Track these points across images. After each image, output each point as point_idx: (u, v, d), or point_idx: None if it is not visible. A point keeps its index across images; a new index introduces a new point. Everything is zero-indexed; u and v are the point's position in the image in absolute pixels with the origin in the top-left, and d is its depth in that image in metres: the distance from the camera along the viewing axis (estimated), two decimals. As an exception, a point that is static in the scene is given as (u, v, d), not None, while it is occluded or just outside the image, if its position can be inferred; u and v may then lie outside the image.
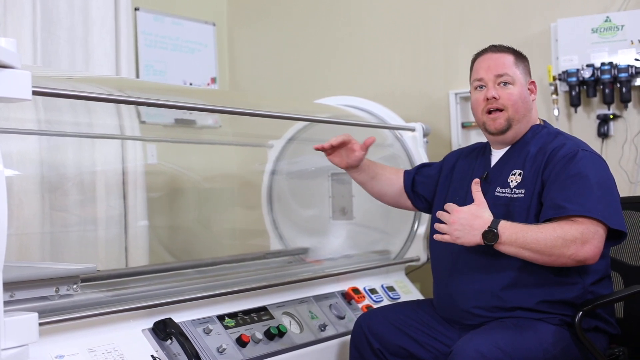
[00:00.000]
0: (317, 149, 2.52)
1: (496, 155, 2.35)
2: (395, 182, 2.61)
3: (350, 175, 2.63)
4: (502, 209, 2.19)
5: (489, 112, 2.27)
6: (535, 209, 2.16)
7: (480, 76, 2.30)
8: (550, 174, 2.15)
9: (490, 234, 2.03)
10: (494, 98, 2.25)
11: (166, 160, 3.34)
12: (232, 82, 4.22)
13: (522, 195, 2.20)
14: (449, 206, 2.12)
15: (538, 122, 2.34)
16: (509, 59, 2.29)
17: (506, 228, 2.04)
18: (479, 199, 2.12)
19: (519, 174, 2.23)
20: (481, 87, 2.30)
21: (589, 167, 2.13)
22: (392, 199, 2.64)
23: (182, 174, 3.35)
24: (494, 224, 2.04)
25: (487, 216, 2.07)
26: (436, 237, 2.14)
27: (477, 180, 2.17)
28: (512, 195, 2.21)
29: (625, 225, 2.12)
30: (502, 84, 2.26)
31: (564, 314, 2.15)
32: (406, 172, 2.63)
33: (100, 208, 3.09)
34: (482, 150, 2.43)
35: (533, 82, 2.33)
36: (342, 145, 2.50)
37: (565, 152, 2.17)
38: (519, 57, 2.33)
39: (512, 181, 2.24)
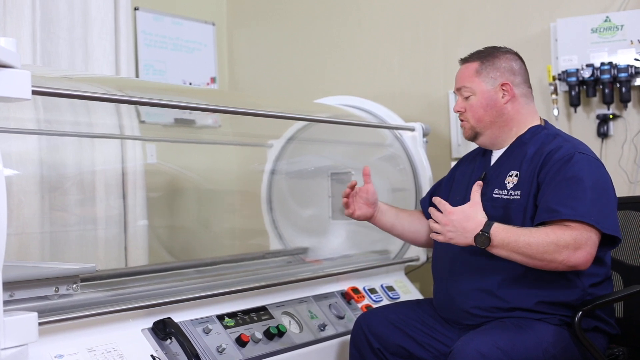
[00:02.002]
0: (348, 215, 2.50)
1: (495, 155, 2.35)
2: (421, 216, 2.58)
3: (378, 225, 2.54)
4: (501, 211, 2.19)
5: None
6: (531, 211, 2.15)
7: (454, 89, 2.38)
8: (545, 176, 2.14)
9: (482, 238, 2.03)
10: (460, 111, 2.32)
11: (166, 160, 3.34)
12: (232, 81, 4.22)
13: (518, 197, 2.19)
14: (442, 205, 2.11)
15: (538, 123, 2.32)
16: (471, 68, 2.30)
17: (498, 232, 2.03)
18: (474, 200, 2.11)
19: (516, 175, 2.23)
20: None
21: (585, 170, 2.11)
22: (426, 234, 2.54)
23: (182, 173, 3.35)
24: (487, 227, 2.03)
25: (480, 218, 2.06)
26: (432, 235, 2.15)
27: (480, 182, 2.16)
28: (509, 197, 2.21)
29: (620, 230, 2.10)
30: (464, 97, 2.31)
31: (563, 315, 2.15)
32: (422, 200, 2.65)
33: (100, 208, 3.09)
34: (483, 151, 2.43)
35: (506, 83, 2.26)
36: (354, 188, 2.47)
37: (562, 155, 2.15)
38: (487, 60, 2.29)
39: (509, 182, 2.23)
